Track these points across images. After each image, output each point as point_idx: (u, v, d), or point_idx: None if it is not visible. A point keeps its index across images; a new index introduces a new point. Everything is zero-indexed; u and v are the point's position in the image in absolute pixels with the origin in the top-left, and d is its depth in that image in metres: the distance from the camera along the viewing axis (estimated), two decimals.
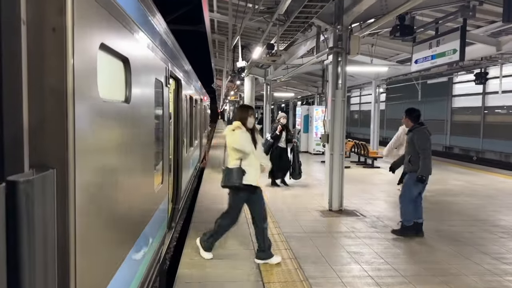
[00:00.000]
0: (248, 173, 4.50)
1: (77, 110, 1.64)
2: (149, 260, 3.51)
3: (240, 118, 4.65)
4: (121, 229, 2.45)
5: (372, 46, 11.48)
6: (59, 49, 1.56)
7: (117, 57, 2.33)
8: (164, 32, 4.38)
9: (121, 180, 2.42)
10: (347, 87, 7.61)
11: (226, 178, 4.59)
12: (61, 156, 1.59)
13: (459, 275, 4.37)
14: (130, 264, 2.63)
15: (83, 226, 1.74)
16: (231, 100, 37.82)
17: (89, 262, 1.88)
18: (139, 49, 2.83)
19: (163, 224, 4.43)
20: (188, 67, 8.04)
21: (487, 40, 9.52)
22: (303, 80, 23.18)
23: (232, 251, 4.96)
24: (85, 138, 1.77)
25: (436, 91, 24.01)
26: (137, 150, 2.86)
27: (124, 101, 2.47)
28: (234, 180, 4.49)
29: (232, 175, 4.52)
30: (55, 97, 1.57)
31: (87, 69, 1.77)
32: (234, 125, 4.62)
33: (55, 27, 1.55)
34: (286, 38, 8.77)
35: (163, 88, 3.98)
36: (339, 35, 7.09)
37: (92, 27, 1.84)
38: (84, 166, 1.76)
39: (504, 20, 4.85)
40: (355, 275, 4.34)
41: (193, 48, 35.55)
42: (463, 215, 7.04)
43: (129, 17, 2.48)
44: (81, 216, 1.71)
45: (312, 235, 5.65)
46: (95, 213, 1.93)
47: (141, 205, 3.05)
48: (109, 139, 2.13)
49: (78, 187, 1.67)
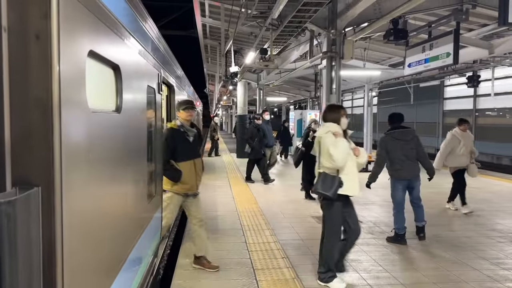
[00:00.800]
0: (345, 182, 4.00)
1: (64, 123, 1.53)
2: (143, 274, 3.39)
3: (332, 119, 4.17)
4: (113, 248, 2.33)
5: (365, 50, 11.50)
6: (44, 57, 1.45)
7: (107, 64, 2.21)
8: (156, 37, 4.27)
9: (113, 196, 2.30)
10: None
11: (320, 185, 4.06)
12: (47, 172, 1.48)
13: (459, 282, 4.30)
14: (122, 282, 2.51)
15: (71, 248, 1.62)
16: (223, 105, 37.72)
17: (79, 286, 1.76)
18: (130, 56, 2.72)
19: (156, 236, 4.31)
20: (180, 73, 7.94)
21: (480, 43, 9.55)
22: (296, 85, 23.20)
23: (227, 260, 4.84)
24: (73, 152, 1.65)
25: (428, 94, 24.15)
26: (129, 161, 2.74)
27: (115, 110, 2.35)
28: (328, 189, 3.98)
29: (326, 183, 4.01)
30: (39, 109, 1.46)
31: (75, 78, 1.66)
32: (331, 128, 4.10)
33: (39, 33, 1.44)
34: (279, 43, 8.72)
35: (155, 95, 3.88)
36: (333, 40, 7.06)
37: (80, 33, 1.73)
38: (72, 183, 1.64)
39: (500, 23, 4.82)
40: (354, 284, 4.25)
41: (186, 53, 35.45)
42: (459, 220, 7.00)
43: (120, 22, 2.38)
44: (69, 237, 1.59)
45: (308, 242, 5.55)
46: (84, 233, 1.81)
47: (133, 220, 2.93)
48: (99, 151, 2.01)
49: (65, 205, 1.55)
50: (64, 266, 1.55)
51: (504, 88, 18.06)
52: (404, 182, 5.64)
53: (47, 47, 1.45)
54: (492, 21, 8.55)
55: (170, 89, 5.72)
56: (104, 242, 2.13)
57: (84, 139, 1.79)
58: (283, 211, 7.43)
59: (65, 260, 1.55)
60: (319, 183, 4.08)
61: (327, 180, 4.02)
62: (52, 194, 1.48)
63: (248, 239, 5.65)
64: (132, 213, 2.85)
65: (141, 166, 3.14)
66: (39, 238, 1.45)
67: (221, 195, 8.89)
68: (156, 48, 4.19)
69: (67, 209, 1.56)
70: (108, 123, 2.17)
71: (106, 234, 2.16)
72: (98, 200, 2.01)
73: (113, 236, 2.31)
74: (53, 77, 1.47)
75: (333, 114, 4.21)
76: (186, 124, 4.52)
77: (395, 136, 5.64)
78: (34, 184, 1.45)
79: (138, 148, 3.01)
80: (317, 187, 4.10)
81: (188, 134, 4.49)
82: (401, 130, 5.68)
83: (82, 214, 1.78)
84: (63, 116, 1.52)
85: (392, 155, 5.60)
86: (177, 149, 4.38)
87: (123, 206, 2.56)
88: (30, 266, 1.41)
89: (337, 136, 4.02)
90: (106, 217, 2.17)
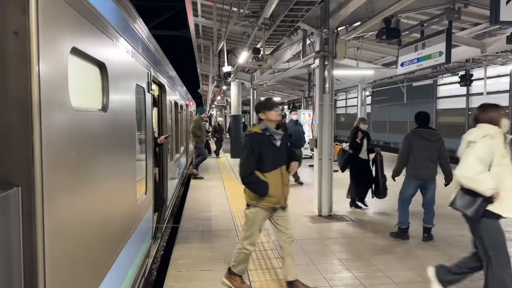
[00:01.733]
0: (500, 199, 3.25)
1: (45, 121, 1.48)
2: (133, 275, 3.34)
3: (490, 119, 3.43)
4: (100, 248, 2.28)
5: (358, 49, 11.49)
6: (23, 54, 1.41)
7: (92, 62, 2.17)
8: (146, 37, 4.23)
9: (99, 196, 2.25)
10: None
11: (476, 206, 3.32)
12: (27, 172, 1.43)
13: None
14: (110, 282, 2.46)
15: (53, 249, 1.58)
16: (217, 105, 37.63)
17: (63, 286, 1.71)
18: (117, 54, 2.67)
19: (147, 236, 4.26)
20: (172, 73, 7.88)
21: (472, 42, 9.58)
22: (289, 84, 23.18)
23: (220, 261, 4.80)
24: (55, 152, 1.61)
25: (421, 93, 24.24)
26: (117, 161, 2.70)
27: (101, 109, 2.31)
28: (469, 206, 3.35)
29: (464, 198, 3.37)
30: (18, 107, 1.42)
31: (56, 75, 1.62)
32: (490, 130, 3.37)
33: (17, 30, 1.40)
34: (272, 43, 8.67)
35: (145, 94, 3.83)
36: (326, 39, 7.02)
37: (61, 30, 1.68)
38: (54, 183, 1.60)
39: (492, 22, 4.82)
40: (347, 284, 4.23)
41: (179, 53, 35.33)
42: (453, 218, 6.96)
43: (106, 20, 2.33)
44: (51, 238, 1.55)
45: (302, 242, 5.52)
46: (67, 234, 1.76)
47: (122, 220, 2.89)
48: (84, 151, 1.97)
49: (47, 206, 1.51)
50: (46, 269, 1.51)
51: (497, 87, 18.15)
52: (419, 182, 5.61)
53: (26, 43, 1.41)
54: (484, 20, 8.57)
55: (161, 88, 5.67)
56: (89, 243, 2.09)
57: (67, 138, 1.75)
58: None
59: (47, 262, 1.51)
60: (476, 205, 3.34)
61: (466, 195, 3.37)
62: (33, 195, 1.44)
63: None
64: (119, 214, 2.81)
65: (129, 166, 3.09)
66: (19, 239, 1.41)
67: (215, 196, 8.85)
68: (146, 47, 4.14)
69: (48, 210, 1.52)
70: (94, 122, 2.13)
71: (91, 235, 2.11)
72: (82, 201, 1.96)
73: (99, 237, 2.26)
74: (33, 74, 1.43)
75: (491, 113, 3.43)
76: (272, 127, 3.89)
77: (421, 135, 5.60)
78: (14, 184, 1.41)
79: (126, 148, 2.96)
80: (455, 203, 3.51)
81: (275, 138, 3.88)
82: (429, 130, 5.66)
83: (65, 215, 1.74)
84: (44, 115, 1.48)
85: (415, 153, 5.56)
86: (263, 158, 3.79)
87: (109, 207, 2.51)
88: (10, 269, 1.37)
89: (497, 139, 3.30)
90: (91, 218, 2.12)
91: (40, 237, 1.47)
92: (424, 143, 5.55)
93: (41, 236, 1.47)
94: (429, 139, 5.56)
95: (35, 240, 1.45)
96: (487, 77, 17.18)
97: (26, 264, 1.42)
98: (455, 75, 17.07)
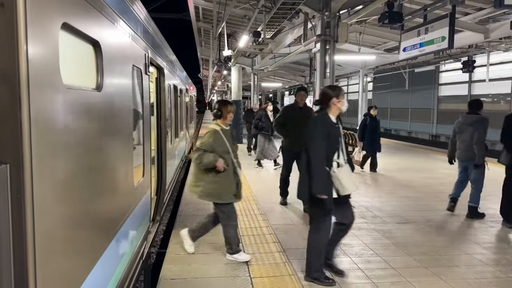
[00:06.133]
0: None
1: (33, 98, 1.44)
2: (130, 257, 3.34)
3: None
4: (92, 229, 2.26)
5: (360, 34, 11.36)
6: (9, 29, 1.35)
7: (85, 39, 2.11)
8: (144, 18, 4.15)
9: (91, 177, 2.21)
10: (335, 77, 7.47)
11: None
12: (15, 149, 1.40)
13: (451, 266, 4.29)
14: (106, 263, 2.45)
15: (44, 226, 1.55)
16: (218, 91, 37.45)
17: (54, 266, 1.69)
18: (112, 33, 2.61)
19: (145, 219, 4.25)
20: (172, 57, 7.79)
21: (475, 28, 9.45)
22: (291, 70, 23.03)
23: (219, 245, 4.80)
24: (45, 129, 1.57)
25: (423, 80, 24.06)
26: (112, 141, 2.65)
27: (95, 88, 2.26)
28: None
29: None
30: (5, 84, 1.37)
31: (46, 52, 1.57)
32: None
33: (3, 2, 1.34)
34: (273, 26, 8.57)
35: (142, 76, 3.77)
36: (327, 22, 6.93)
37: (51, 3, 1.62)
38: (45, 161, 1.56)
39: (496, 5, 4.73)
40: (345, 268, 4.22)
41: (179, 37, 35.05)
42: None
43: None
44: (40, 216, 1.52)
45: (300, 227, 5.52)
46: (57, 212, 1.73)
47: (117, 201, 2.86)
48: (76, 129, 1.93)
49: (36, 184, 1.47)
50: (36, 249, 1.48)
51: (499, 74, 18.00)
52: (463, 163, 6.27)
53: (13, 16, 1.35)
54: (488, 5, 8.44)
55: (159, 71, 5.59)
56: (81, 224, 2.05)
57: (58, 115, 1.70)
58: (276, 196, 7.39)
59: (37, 242, 1.48)
60: None
61: None
62: (21, 172, 1.40)
63: (240, 224, 5.60)
64: (114, 196, 2.78)
65: (125, 148, 3.05)
66: (7, 217, 1.38)
67: None
68: (144, 28, 4.07)
69: (38, 187, 1.49)
70: (87, 101, 2.08)
71: (83, 216, 2.08)
72: (74, 181, 1.92)
73: (91, 218, 2.23)
74: (20, 50, 1.38)
75: None
76: None
77: (463, 120, 6.17)
78: (2, 162, 1.37)
79: (121, 128, 2.92)
80: None
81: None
82: (469, 115, 6.14)
83: (55, 194, 1.70)
84: (32, 91, 1.43)
85: (458, 137, 6.23)
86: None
87: (103, 189, 2.47)
88: None
89: None
90: (83, 199, 2.08)
91: (30, 214, 1.44)
92: (464, 127, 6.06)
93: (30, 214, 1.44)
94: (467, 123, 6.04)
95: (24, 217, 1.42)
96: (490, 64, 17.02)
97: (15, 241, 1.40)
98: (458, 61, 16.93)
